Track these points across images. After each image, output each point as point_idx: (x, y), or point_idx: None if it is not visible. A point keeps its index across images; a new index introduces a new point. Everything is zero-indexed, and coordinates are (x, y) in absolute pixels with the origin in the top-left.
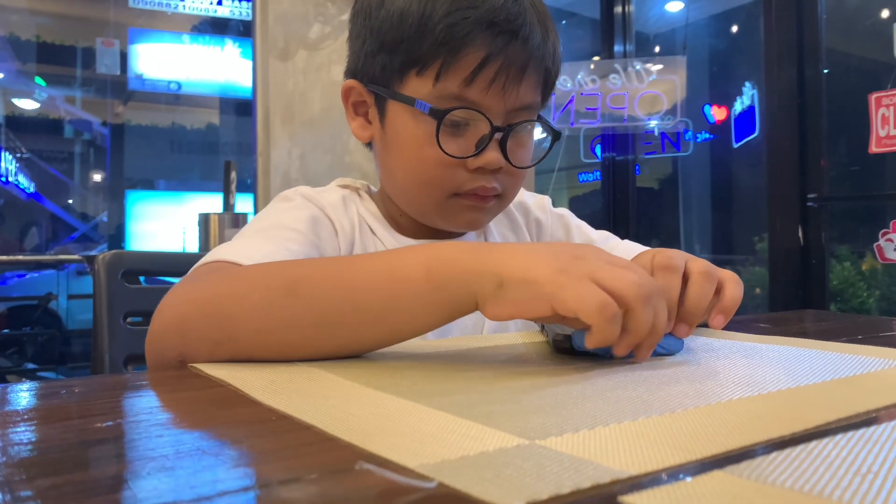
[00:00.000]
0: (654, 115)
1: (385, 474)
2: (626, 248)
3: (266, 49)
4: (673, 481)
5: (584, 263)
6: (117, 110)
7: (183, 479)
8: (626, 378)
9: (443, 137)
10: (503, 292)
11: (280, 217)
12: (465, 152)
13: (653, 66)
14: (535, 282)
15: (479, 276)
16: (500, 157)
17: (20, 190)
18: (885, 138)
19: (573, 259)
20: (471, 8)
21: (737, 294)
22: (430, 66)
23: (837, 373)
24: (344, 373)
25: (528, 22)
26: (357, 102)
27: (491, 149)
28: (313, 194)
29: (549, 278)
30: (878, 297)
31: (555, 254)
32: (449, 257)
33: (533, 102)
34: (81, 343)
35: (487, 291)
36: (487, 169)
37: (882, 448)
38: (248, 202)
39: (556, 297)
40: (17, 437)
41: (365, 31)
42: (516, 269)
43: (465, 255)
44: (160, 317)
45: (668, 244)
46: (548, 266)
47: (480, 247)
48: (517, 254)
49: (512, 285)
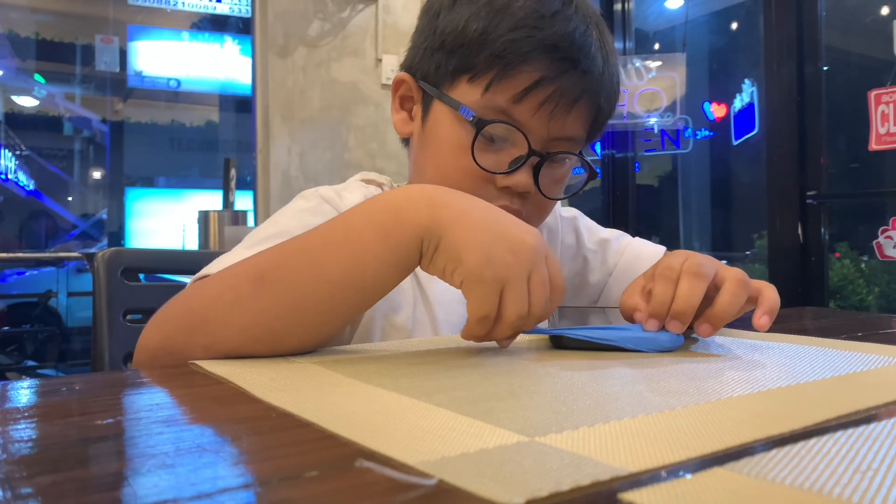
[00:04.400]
0: (653, 113)
1: (385, 471)
2: (637, 247)
3: (265, 46)
4: (673, 478)
5: (510, 264)
6: (117, 107)
7: (183, 476)
8: (626, 375)
9: (479, 148)
10: (437, 255)
11: (290, 224)
12: (498, 168)
13: (652, 64)
14: (462, 262)
15: (426, 233)
16: (530, 181)
17: (20, 187)
18: (885, 135)
19: (506, 252)
20: (536, 28)
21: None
22: (482, 75)
23: (837, 370)
24: (344, 370)
25: (590, 55)
26: (405, 97)
27: (523, 171)
28: (333, 196)
29: (471, 267)
30: (878, 295)
31: (494, 237)
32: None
33: (578, 136)
34: (81, 340)
35: (427, 249)
36: (515, 190)
37: (882, 445)
38: (248, 199)
39: (466, 287)
40: (17, 434)
41: (429, 29)
42: (453, 242)
43: (416, 208)
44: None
45: (667, 241)
46: (479, 252)
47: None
48: (463, 222)
49: (444, 253)
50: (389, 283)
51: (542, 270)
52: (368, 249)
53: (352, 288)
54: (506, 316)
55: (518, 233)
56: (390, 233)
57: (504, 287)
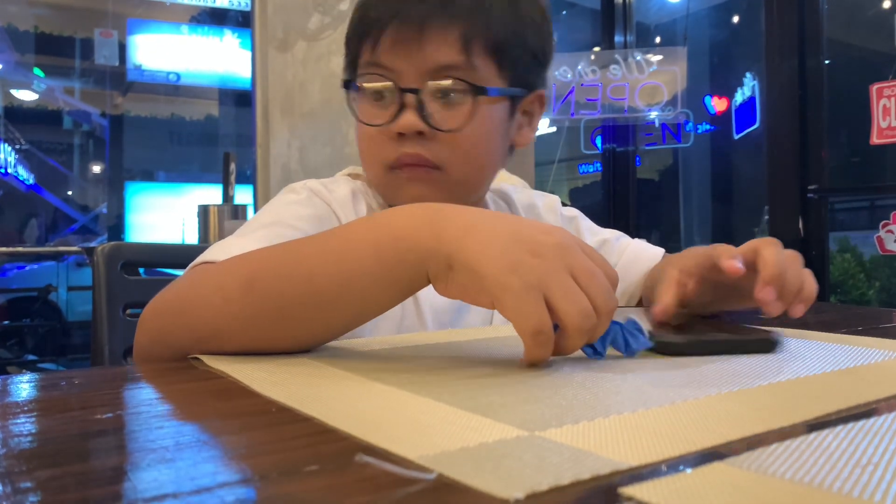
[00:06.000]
0: (654, 106)
1: (385, 466)
2: (637, 247)
3: (265, 40)
4: (673, 472)
5: (539, 266)
6: (116, 101)
7: (183, 470)
8: (625, 370)
9: (367, 110)
10: (453, 275)
11: (282, 213)
12: (384, 120)
13: (653, 57)
14: (482, 275)
15: (431, 254)
16: (416, 120)
17: (19, 181)
18: (886, 129)
19: (530, 256)
20: None
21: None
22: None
23: (837, 364)
24: (343, 364)
25: None
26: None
27: (409, 112)
28: (321, 189)
29: (496, 278)
30: (878, 289)
31: (512, 242)
32: (400, 231)
33: (452, 62)
34: (81, 335)
35: (438, 271)
36: (408, 135)
37: (882, 439)
38: (248, 193)
39: (498, 299)
40: (17, 428)
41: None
42: (467, 256)
43: (417, 227)
44: (142, 328)
45: (668, 235)
46: (499, 261)
47: (436, 215)
48: (472, 234)
49: (461, 271)
50: (383, 301)
51: (583, 261)
52: (361, 266)
53: (340, 302)
54: (566, 320)
55: (536, 234)
56: (385, 250)
57: (545, 291)
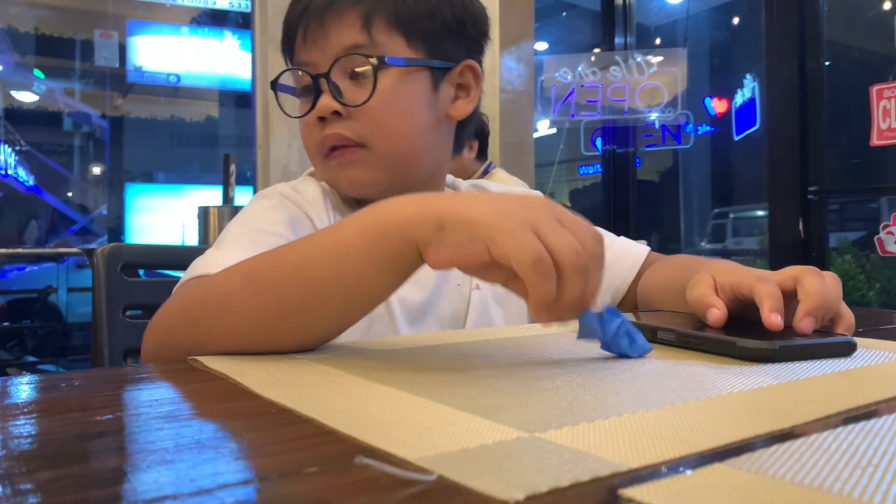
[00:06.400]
0: (654, 108)
1: (384, 467)
2: (623, 245)
3: (265, 41)
4: (673, 474)
5: (529, 212)
6: (116, 103)
7: (183, 472)
8: (626, 371)
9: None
10: (444, 235)
11: (258, 220)
12: (306, 109)
13: (653, 59)
14: (475, 222)
15: (418, 219)
16: (329, 101)
17: (19, 183)
18: (886, 131)
19: (518, 206)
20: None
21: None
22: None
23: (837, 366)
24: (343, 366)
25: None
26: None
27: (323, 97)
28: (292, 192)
29: (489, 219)
30: (879, 291)
31: (500, 199)
32: (388, 210)
33: (356, 42)
34: (81, 336)
35: (428, 235)
36: (328, 118)
37: (882, 441)
38: (248, 195)
39: (494, 240)
40: (17, 430)
41: None
42: (458, 211)
43: (405, 205)
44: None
45: (668, 237)
46: (489, 207)
47: (425, 196)
48: (461, 198)
49: (451, 227)
50: (378, 283)
51: (568, 212)
52: (348, 248)
53: (335, 287)
54: (559, 258)
55: (521, 196)
56: (370, 227)
57: (536, 231)
